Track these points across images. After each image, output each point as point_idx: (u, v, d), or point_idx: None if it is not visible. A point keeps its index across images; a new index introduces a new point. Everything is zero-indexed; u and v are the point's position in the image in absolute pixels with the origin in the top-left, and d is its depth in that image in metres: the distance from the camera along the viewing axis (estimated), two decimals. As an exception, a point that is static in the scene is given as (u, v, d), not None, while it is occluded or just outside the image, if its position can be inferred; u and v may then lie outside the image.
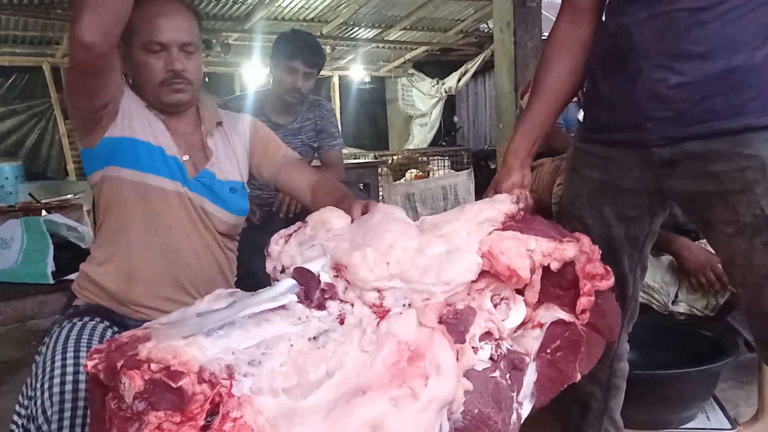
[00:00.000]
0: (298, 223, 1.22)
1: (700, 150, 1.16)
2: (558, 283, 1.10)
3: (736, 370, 2.27)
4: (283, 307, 1.01)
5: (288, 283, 1.05)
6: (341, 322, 1.02)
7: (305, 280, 1.07)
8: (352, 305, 1.03)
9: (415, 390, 0.84)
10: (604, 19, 1.31)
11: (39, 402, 1.20)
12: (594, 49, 1.30)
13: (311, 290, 1.05)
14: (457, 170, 7.06)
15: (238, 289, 1.11)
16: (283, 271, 1.15)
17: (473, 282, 1.04)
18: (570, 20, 1.30)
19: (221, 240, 1.51)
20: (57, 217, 2.26)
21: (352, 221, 1.19)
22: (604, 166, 1.31)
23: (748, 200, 1.14)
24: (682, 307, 2.14)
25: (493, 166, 7.35)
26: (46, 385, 1.20)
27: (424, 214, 6.52)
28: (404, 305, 1.00)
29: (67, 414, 1.18)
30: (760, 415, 1.92)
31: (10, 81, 7.34)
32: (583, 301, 1.07)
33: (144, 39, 1.39)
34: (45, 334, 1.37)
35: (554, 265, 1.06)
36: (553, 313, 1.08)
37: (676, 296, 2.15)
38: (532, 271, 1.04)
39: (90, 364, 0.88)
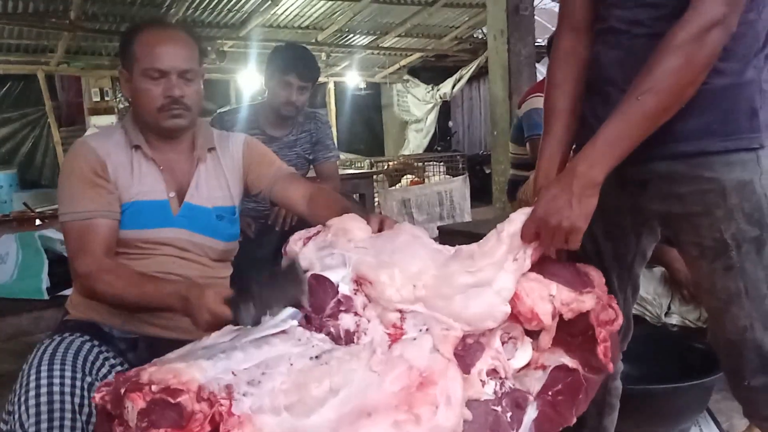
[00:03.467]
0: (319, 226, 1.22)
1: (665, 170, 1.18)
2: (567, 329, 1.10)
3: (729, 381, 2.28)
4: (283, 331, 1.02)
5: (288, 311, 1.06)
6: (347, 342, 1.02)
7: (321, 288, 1.06)
8: (368, 321, 1.03)
9: (421, 417, 0.85)
10: None
11: (17, 416, 1.22)
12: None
13: (326, 299, 1.05)
14: (453, 175, 7.07)
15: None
16: None
17: None
18: (572, 43, 1.29)
19: (214, 265, 1.52)
20: (51, 233, 2.27)
21: None
22: None
23: (709, 223, 1.15)
24: (674, 319, 2.16)
25: (488, 171, 7.36)
26: (22, 399, 1.22)
27: (420, 220, 6.50)
28: (421, 330, 1.00)
29: (44, 426, 1.20)
30: (753, 427, 1.93)
31: (4, 89, 7.36)
32: (602, 349, 1.08)
33: (144, 65, 1.41)
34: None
35: (568, 316, 1.07)
36: (557, 357, 1.09)
37: (669, 308, 2.17)
38: (554, 317, 1.05)
39: (98, 396, 0.90)
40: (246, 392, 0.87)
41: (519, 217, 1.13)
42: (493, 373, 1.00)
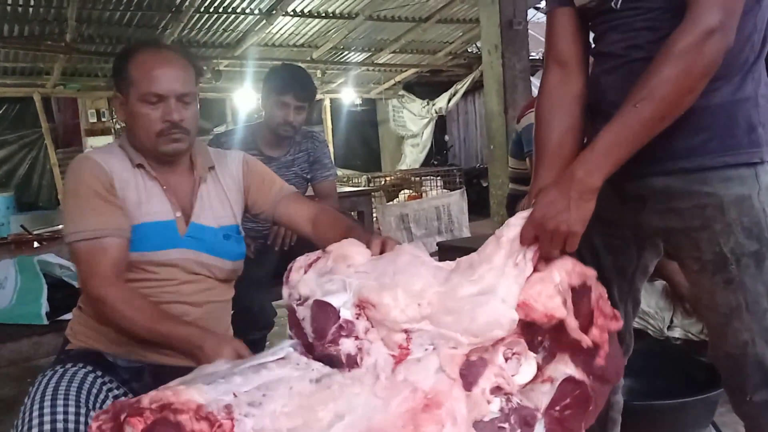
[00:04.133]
0: (318, 252, 1.22)
1: (662, 186, 1.19)
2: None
3: (733, 393, 2.27)
4: (281, 358, 1.02)
5: (288, 342, 1.06)
6: (349, 366, 1.02)
7: (323, 313, 1.06)
8: (371, 343, 1.02)
9: None
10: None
11: None
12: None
13: (328, 325, 1.05)
14: (450, 189, 7.09)
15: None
16: (300, 300, 1.15)
17: None
18: (559, 77, 1.29)
19: (219, 286, 1.51)
20: (50, 257, 2.25)
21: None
22: None
23: (708, 237, 1.16)
24: (677, 332, 2.15)
25: (485, 184, 7.39)
26: None
27: (418, 235, 6.48)
28: (427, 349, 0.99)
29: None
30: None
31: (1, 111, 7.38)
32: (595, 333, 1.05)
33: (141, 90, 1.39)
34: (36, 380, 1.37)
35: (576, 281, 1.05)
36: (564, 368, 1.07)
37: (672, 321, 2.17)
38: (565, 303, 1.02)
39: (95, 425, 0.89)
40: (247, 413, 0.87)
41: (517, 222, 1.13)
42: (497, 390, 0.99)
